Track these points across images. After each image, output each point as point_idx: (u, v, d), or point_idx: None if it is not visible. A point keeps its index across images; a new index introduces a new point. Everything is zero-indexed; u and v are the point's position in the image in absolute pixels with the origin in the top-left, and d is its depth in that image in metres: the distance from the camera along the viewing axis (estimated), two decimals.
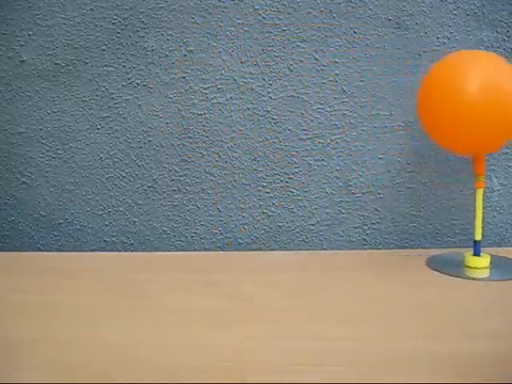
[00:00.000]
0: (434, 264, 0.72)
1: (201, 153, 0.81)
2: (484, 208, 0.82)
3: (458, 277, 0.68)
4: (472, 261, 0.71)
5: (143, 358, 0.48)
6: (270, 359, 0.48)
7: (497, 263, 0.72)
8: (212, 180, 0.82)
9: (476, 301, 0.61)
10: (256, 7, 0.79)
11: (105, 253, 0.82)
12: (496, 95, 0.58)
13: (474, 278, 0.67)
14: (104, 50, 0.80)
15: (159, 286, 0.65)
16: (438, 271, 0.69)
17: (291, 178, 0.82)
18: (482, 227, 0.80)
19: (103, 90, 0.81)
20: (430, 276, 0.68)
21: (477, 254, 0.72)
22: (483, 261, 0.71)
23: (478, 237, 0.71)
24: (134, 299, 0.62)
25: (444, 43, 0.79)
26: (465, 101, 0.59)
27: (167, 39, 0.80)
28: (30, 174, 0.83)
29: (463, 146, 0.64)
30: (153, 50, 0.80)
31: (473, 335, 0.52)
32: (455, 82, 0.59)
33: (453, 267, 0.71)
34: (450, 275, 0.68)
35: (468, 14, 0.79)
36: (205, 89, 0.80)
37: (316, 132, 0.81)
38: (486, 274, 0.69)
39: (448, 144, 0.65)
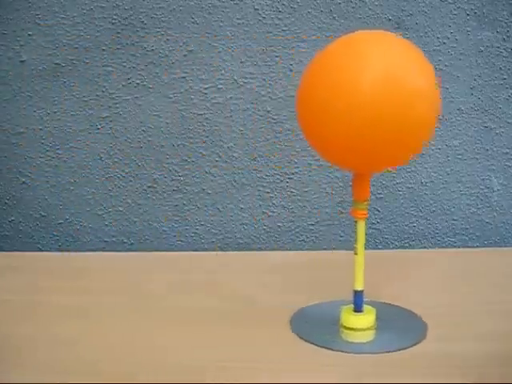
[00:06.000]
0: (299, 325, 0.53)
1: (201, 153, 0.81)
2: (483, 208, 0.82)
3: (326, 347, 0.49)
4: (350, 319, 0.51)
5: (142, 357, 0.49)
6: (270, 359, 0.48)
7: (384, 320, 0.53)
8: (212, 180, 0.82)
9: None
10: (256, 7, 0.79)
11: (105, 253, 0.82)
12: (394, 93, 0.42)
13: (349, 350, 0.49)
14: (104, 50, 0.80)
15: (159, 286, 0.65)
16: (300, 336, 0.51)
17: (291, 178, 0.82)
18: (483, 229, 0.80)
19: (103, 90, 0.81)
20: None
21: (357, 309, 0.52)
22: (364, 319, 0.52)
23: (360, 285, 0.52)
24: (134, 299, 0.62)
25: (444, 43, 0.79)
26: (350, 99, 0.42)
27: (167, 39, 0.80)
28: (30, 174, 0.83)
29: (345, 158, 0.46)
30: (153, 50, 0.80)
31: None
32: (338, 74, 0.43)
33: (323, 328, 0.52)
34: (315, 344, 0.49)
35: (468, 14, 0.79)
36: (205, 89, 0.80)
37: None
38: (368, 337, 0.51)
39: (328, 155, 0.48)
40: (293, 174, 0.82)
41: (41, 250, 0.84)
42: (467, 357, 0.48)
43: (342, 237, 0.83)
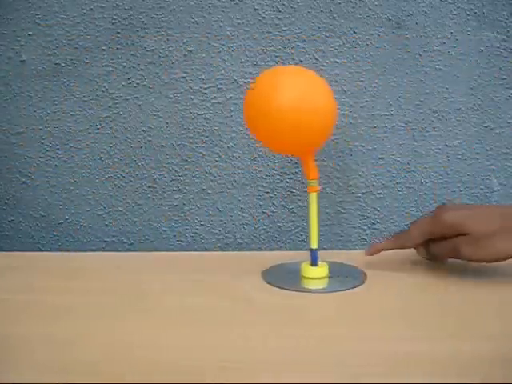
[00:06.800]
0: (269, 276, 0.67)
1: (201, 153, 0.81)
2: None
3: (293, 290, 0.64)
4: (308, 271, 0.67)
5: (142, 357, 0.49)
6: (269, 359, 0.48)
7: (336, 271, 0.68)
8: (212, 180, 0.82)
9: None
10: (256, 7, 0.79)
11: (105, 253, 0.82)
12: (305, 105, 0.62)
13: (309, 290, 0.64)
14: (104, 50, 0.80)
15: (159, 286, 0.65)
16: (272, 284, 0.65)
17: (291, 178, 0.82)
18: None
19: (103, 89, 0.81)
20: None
21: (314, 263, 0.67)
22: (320, 270, 0.67)
23: (315, 245, 0.66)
24: (134, 299, 0.62)
25: (444, 43, 0.79)
26: (276, 110, 0.62)
27: (167, 39, 0.80)
28: (30, 174, 0.83)
29: (285, 150, 0.69)
30: (153, 50, 0.80)
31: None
32: (270, 94, 0.63)
33: (289, 279, 0.66)
34: (283, 288, 0.64)
35: (468, 14, 0.79)
36: (205, 89, 0.80)
37: None
38: (323, 284, 0.66)
39: (274, 149, 0.70)
40: (293, 174, 0.82)
41: (41, 250, 0.84)
42: (468, 357, 0.48)
43: (341, 237, 0.83)
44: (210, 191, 0.82)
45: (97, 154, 0.82)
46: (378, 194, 0.82)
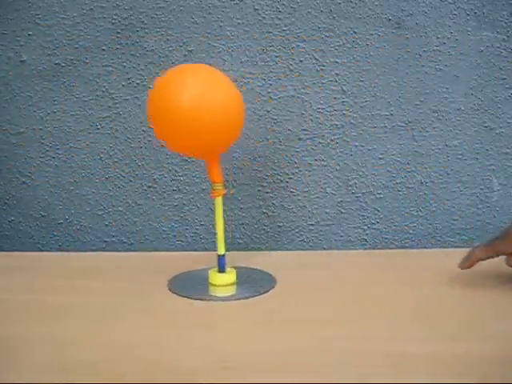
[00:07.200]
0: (175, 286, 0.65)
1: None
2: (483, 208, 0.82)
3: (200, 299, 0.62)
4: (216, 278, 0.66)
5: (142, 357, 0.49)
6: (269, 359, 0.48)
7: (244, 278, 0.67)
8: None
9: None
10: (256, 7, 0.79)
11: (105, 253, 0.82)
12: (204, 104, 0.60)
13: (217, 298, 0.63)
14: (104, 50, 0.80)
15: (159, 286, 0.65)
16: (178, 294, 0.63)
17: (291, 178, 0.82)
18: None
19: (103, 89, 0.81)
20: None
21: (221, 269, 0.66)
22: (228, 277, 0.66)
23: (222, 251, 0.66)
24: (134, 299, 0.62)
25: (444, 43, 0.79)
26: (176, 109, 0.60)
27: (167, 39, 0.80)
28: (30, 174, 0.83)
29: (186, 150, 0.66)
30: (153, 50, 0.80)
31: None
32: (170, 92, 0.61)
33: (196, 287, 0.65)
34: (190, 298, 0.62)
35: (468, 14, 0.79)
36: None
37: (316, 132, 0.81)
38: (230, 291, 0.65)
39: (177, 149, 0.67)
40: (293, 174, 0.82)
41: (41, 250, 0.84)
42: (469, 357, 0.48)
43: (341, 237, 0.83)
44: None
45: (97, 153, 0.82)
46: (378, 194, 0.82)
